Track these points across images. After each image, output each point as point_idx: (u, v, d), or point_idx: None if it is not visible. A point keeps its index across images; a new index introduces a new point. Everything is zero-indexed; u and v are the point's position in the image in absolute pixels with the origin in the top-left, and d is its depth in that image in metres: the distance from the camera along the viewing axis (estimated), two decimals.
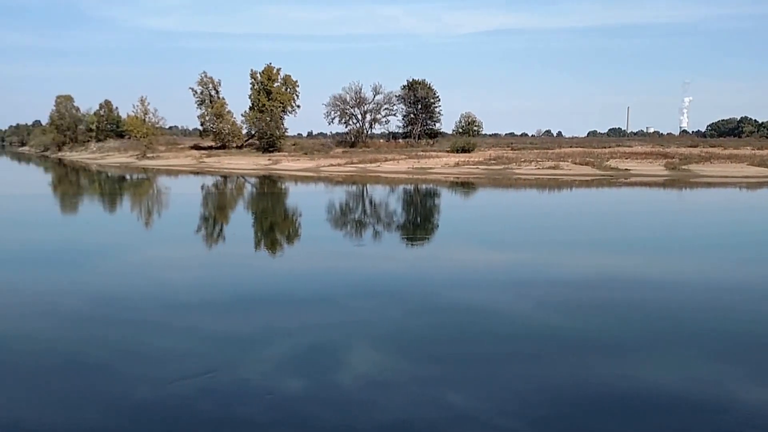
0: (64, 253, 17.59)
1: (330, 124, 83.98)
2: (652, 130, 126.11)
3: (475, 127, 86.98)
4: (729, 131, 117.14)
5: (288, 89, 76.97)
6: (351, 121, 77.24)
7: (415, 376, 8.42)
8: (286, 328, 10.35)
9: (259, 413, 7.26)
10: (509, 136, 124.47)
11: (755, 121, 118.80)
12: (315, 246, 19.49)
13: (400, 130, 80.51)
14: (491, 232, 22.13)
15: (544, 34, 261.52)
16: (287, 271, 15.46)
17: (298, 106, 77.65)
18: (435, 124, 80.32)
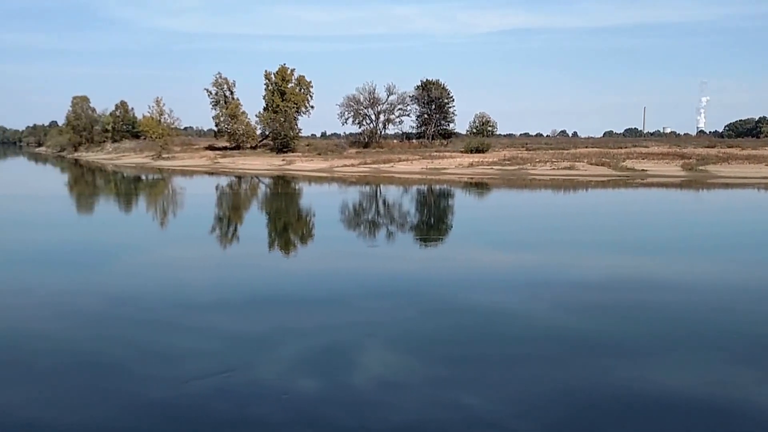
0: (81, 252, 17.75)
1: (344, 125, 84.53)
2: (668, 131, 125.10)
3: (489, 128, 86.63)
4: (747, 131, 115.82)
5: (302, 90, 77.20)
6: (365, 122, 77.34)
7: (429, 378, 8.39)
8: (301, 329, 10.36)
9: (274, 413, 7.26)
10: (524, 136, 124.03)
11: None
12: (329, 246, 19.51)
13: (414, 131, 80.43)
14: (505, 233, 22.03)
15: (560, 34, 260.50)
16: (301, 272, 15.48)
17: (312, 107, 78.03)
18: (449, 125, 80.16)
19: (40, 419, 7.11)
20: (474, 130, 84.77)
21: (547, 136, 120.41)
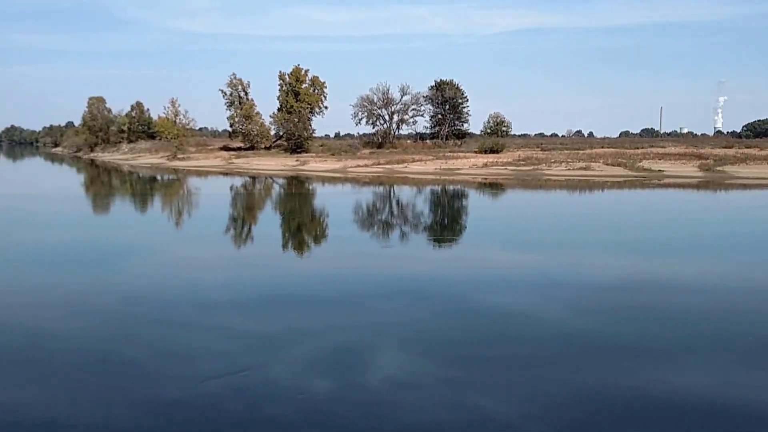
0: (98, 252, 17.89)
1: (357, 125, 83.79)
2: (685, 131, 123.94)
3: (503, 128, 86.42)
4: (765, 132, 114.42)
5: (316, 90, 77.35)
6: (378, 122, 77.35)
7: (443, 379, 8.38)
8: (314, 329, 10.39)
9: (289, 413, 7.28)
10: (539, 136, 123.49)
11: None
12: (342, 247, 19.53)
13: (428, 131, 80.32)
14: (519, 234, 21.92)
15: (576, 34, 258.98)
16: (315, 272, 15.51)
17: (326, 107, 78.11)
18: (463, 125, 79.92)
19: (58, 418, 7.19)
20: (488, 131, 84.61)
21: (562, 136, 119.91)
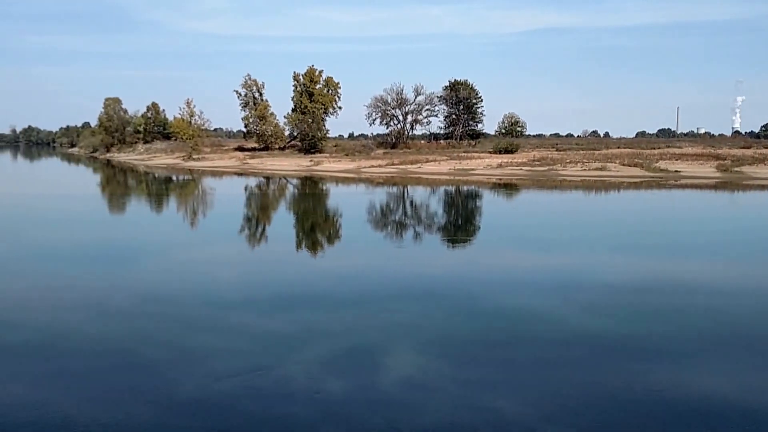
0: (115, 251, 18.00)
1: (371, 126, 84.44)
2: (702, 131, 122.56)
3: (518, 128, 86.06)
4: None
5: (330, 91, 77.53)
6: (392, 122, 77.38)
7: (459, 380, 8.31)
8: (330, 329, 10.38)
9: (306, 412, 7.24)
10: (554, 137, 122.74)
11: None
12: (357, 247, 19.50)
13: (442, 131, 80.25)
14: (534, 235, 21.73)
15: (591, 33, 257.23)
16: (330, 272, 15.48)
17: (340, 108, 78.32)
18: (477, 125, 79.79)
19: (75, 416, 7.20)
20: (503, 131, 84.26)
21: (577, 136, 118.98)
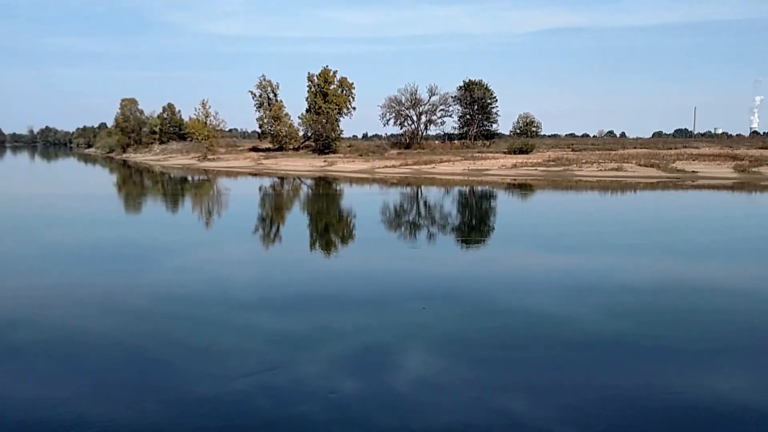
0: (131, 251, 18.14)
1: (385, 126, 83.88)
2: (720, 131, 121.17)
3: (533, 128, 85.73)
4: None
5: (344, 91, 77.63)
6: (406, 123, 77.29)
7: (473, 380, 8.29)
8: (344, 328, 10.39)
9: (319, 412, 7.24)
10: (569, 137, 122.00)
11: None
12: (370, 247, 19.50)
13: (456, 132, 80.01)
14: (549, 236, 21.61)
15: (607, 33, 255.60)
16: (344, 272, 15.49)
17: (354, 108, 78.36)
18: (491, 125, 79.45)
19: (90, 413, 7.27)
20: (518, 131, 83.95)
21: (593, 136, 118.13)
